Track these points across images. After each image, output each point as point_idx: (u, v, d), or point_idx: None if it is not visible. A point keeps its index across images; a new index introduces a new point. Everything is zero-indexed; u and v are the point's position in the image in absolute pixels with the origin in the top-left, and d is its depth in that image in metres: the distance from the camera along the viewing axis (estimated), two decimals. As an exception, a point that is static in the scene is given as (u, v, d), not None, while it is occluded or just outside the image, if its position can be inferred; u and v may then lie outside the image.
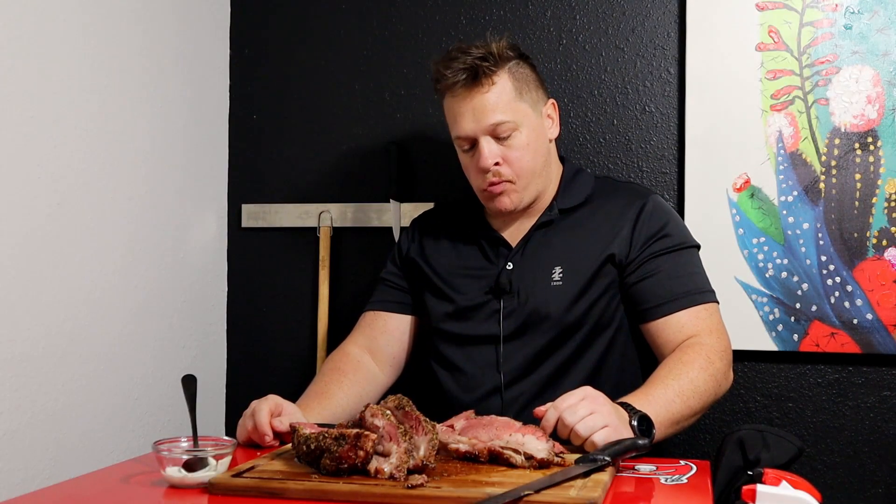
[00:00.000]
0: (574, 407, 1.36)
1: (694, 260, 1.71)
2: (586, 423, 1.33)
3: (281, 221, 2.22)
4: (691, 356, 1.57)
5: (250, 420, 1.48)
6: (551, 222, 1.73)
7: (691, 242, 1.72)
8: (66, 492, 1.32)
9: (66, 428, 1.69)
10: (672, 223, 1.71)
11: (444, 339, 1.74)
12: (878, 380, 1.94)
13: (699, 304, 1.65)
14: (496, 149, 1.66)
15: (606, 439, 1.33)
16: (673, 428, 1.49)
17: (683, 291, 1.65)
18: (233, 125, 2.26)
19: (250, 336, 2.25)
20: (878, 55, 1.91)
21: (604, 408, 1.36)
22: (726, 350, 1.63)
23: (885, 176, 1.90)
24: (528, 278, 1.69)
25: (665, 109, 2.04)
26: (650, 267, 1.66)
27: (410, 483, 1.19)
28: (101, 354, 1.79)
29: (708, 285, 1.69)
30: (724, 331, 1.66)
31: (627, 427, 1.37)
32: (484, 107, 1.64)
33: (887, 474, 1.93)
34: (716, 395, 1.58)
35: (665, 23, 2.04)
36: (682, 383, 1.51)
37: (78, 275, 1.73)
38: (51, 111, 1.66)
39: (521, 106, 1.67)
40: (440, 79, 1.67)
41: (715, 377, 1.56)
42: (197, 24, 2.13)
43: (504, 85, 1.65)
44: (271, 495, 1.20)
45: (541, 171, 1.71)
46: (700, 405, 1.53)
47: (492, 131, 1.65)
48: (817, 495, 1.31)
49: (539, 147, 1.70)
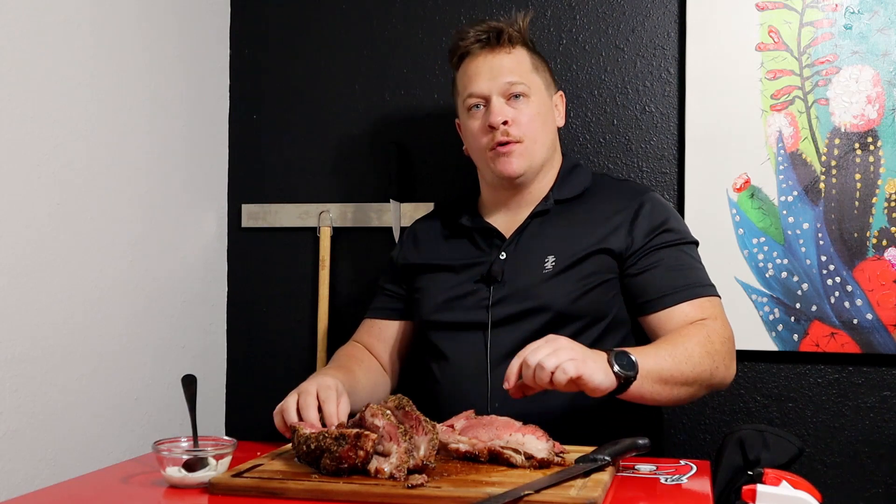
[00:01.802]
0: (536, 349, 1.36)
1: (694, 255, 1.70)
2: (550, 359, 1.33)
3: (281, 221, 2.22)
4: (691, 331, 1.55)
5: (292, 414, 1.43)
6: (547, 212, 1.72)
7: (691, 238, 1.72)
8: (66, 492, 1.32)
9: (66, 428, 1.69)
10: (672, 218, 1.71)
11: (433, 328, 1.74)
12: (878, 380, 1.94)
13: (702, 296, 1.63)
14: (508, 109, 1.69)
15: (577, 371, 1.31)
16: (660, 386, 1.45)
17: (686, 284, 1.63)
18: (233, 125, 2.26)
19: (250, 336, 2.25)
20: (878, 55, 1.91)
21: (568, 344, 1.37)
22: (730, 339, 1.60)
23: (885, 176, 1.90)
24: (520, 267, 1.68)
25: (665, 109, 2.04)
26: (651, 259, 1.65)
27: (410, 483, 1.19)
28: (102, 354, 1.79)
29: (709, 280, 1.68)
30: (727, 322, 1.63)
31: (599, 361, 1.36)
32: (502, 66, 1.70)
33: (887, 474, 1.93)
34: (712, 376, 1.52)
35: (665, 23, 2.04)
36: (675, 348, 1.49)
37: (78, 275, 1.73)
38: (51, 111, 1.66)
39: (535, 78, 1.73)
40: (462, 39, 1.73)
41: (712, 356, 1.52)
42: (197, 24, 2.13)
43: (522, 55, 1.73)
44: (271, 495, 1.20)
45: (546, 146, 1.73)
46: (692, 374, 1.48)
47: (506, 91, 1.69)
48: (817, 495, 1.31)
49: (547, 123, 1.73)
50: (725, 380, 1.57)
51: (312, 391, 1.45)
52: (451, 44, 1.77)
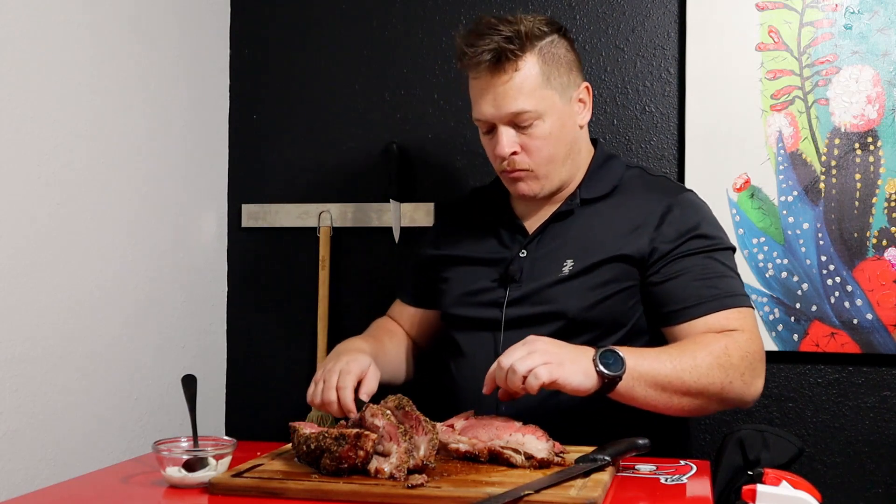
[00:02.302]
0: (511, 351, 1.34)
1: (728, 262, 1.59)
2: (522, 363, 1.31)
3: (281, 221, 2.22)
4: (707, 340, 1.47)
5: (332, 392, 1.46)
6: (571, 212, 1.65)
7: (725, 244, 1.61)
8: (66, 492, 1.32)
9: (66, 428, 1.69)
10: (705, 223, 1.61)
11: (452, 322, 1.72)
12: (878, 380, 1.94)
13: (730, 307, 1.52)
14: (514, 137, 1.58)
15: (550, 376, 1.29)
16: (655, 391, 1.39)
17: (713, 294, 1.52)
18: (233, 125, 2.26)
19: (250, 336, 2.25)
20: (878, 55, 1.91)
21: (545, 346, 1.33)
22: (754, 353, 1.48)
23: (885, 176, 1.90)
24: (538, 268, 1.62)
25: (665, 109, 2.04)
26: (677, 267, 1.56)
27: (410, 483, 1.19)
28: (101, 354, 1.79)
29: (742, 290, 1.57)
30: (758, 336, 1.52)
31: (579, 362, 1.33)
32: (506, 94, 1.55)
33: (887, 474, 1.93)
34: (724, 389, 1.44)
35: (665, 23, 2.04)
36: (682, 355, 1.42)
37: (78, 275, 1.73)
38: (51, 111, 1.66)
39: (546, 93, 1.57)
40: (462, 56, 1.58)
41: (725, 369, 1.43)
42: (197, 24, 2.13)
43: (530, 70, 1.56)
44: (271, 495, 1.20)
45: (563, 159, 1.62)
46: (696, 385, 1.41)
47: (511, 120, 1.57)
48: (817, 495, 1.31)
49: (563, 136, 1.61)
50: (744, 396, 1.48)
51: (354, 371, 1.48)
52: (456, 47, 1.61)
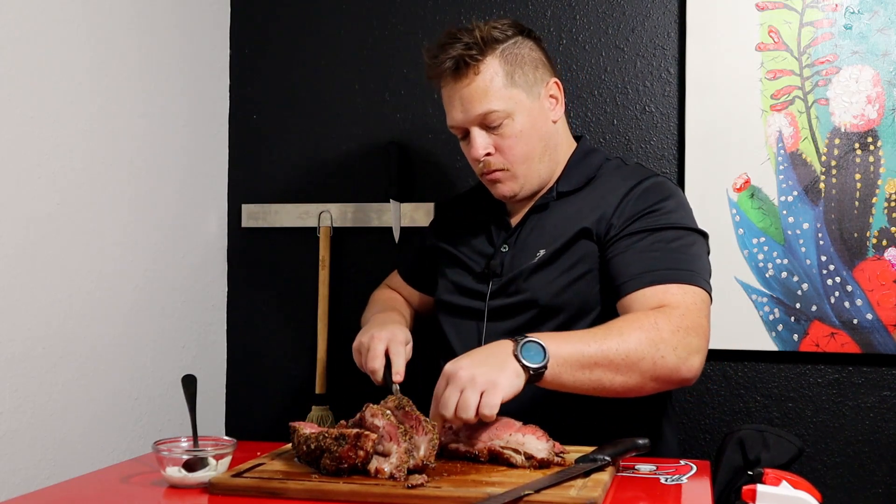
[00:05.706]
0: (444, 400, 1.31)
1: (687, 242, 1.55)
2: (465, 406, 1.29)
3: (281, 221, 2.22)
4: (638, 315, 1.44)
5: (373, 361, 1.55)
6: (547, 205, 1.68)
7: (685, 224, 1.58)
8: (66, 492, 1.32)
9: (66, 428, 1.69)
10: (671, 203, 1.58)
11: (442, 311, 1.76)
12: (878, 380, 1.94)
13: (671, 281, 1.47)
14: (486, 139, 1.62)
15: (494, 402, 1.28)
16: (582, 373, 1.37)
17: (653, 268, 1.48)
18: (233, 125, 2.26)
19: (250, 336, 2.25)
20: (878, 55, 1.91)
21: (468, 374, 1.30)
22: (688, 329, 1.42)
23: (885, 176, 1.90)
24: (516, 261, 1.66)
25: (665, 109, 2.04)
26: (626, 242, 1.54)
27: (410, 483, 1.19)
28: (101, 354, 1.79)
29: (691, 266, 1.50)
30: (698, 314, 1.45)
31: (506, 365, 1.31)
32: (471, 97, 1.59)
33: (887, 474, 1.93)
34: (655, 365, 1.38)
35: (665, 23, 2.04)
36: (609, 332, 1.39)
37: (78, 275, 1.73)
38: (51, 111, 1.66)
39: (512, 92, 1.60)
40: (427, 68, 1.65)
41: (655, 343, 1.38)
42: (197, 24, 2.13)
43: (492, 72, 1.59)
44: (271, 495, 1.20)
45: (540, 156, 1.65)
46: (623, 361, 1.37)
47: (481, 121, 1.61)
48: (817, 495, 1.31)
49: (535, 133, 1.63)
50: (678, 372, 1.41)
51: (401, 339, 1.58)
52: (425, 63, 1.66)
